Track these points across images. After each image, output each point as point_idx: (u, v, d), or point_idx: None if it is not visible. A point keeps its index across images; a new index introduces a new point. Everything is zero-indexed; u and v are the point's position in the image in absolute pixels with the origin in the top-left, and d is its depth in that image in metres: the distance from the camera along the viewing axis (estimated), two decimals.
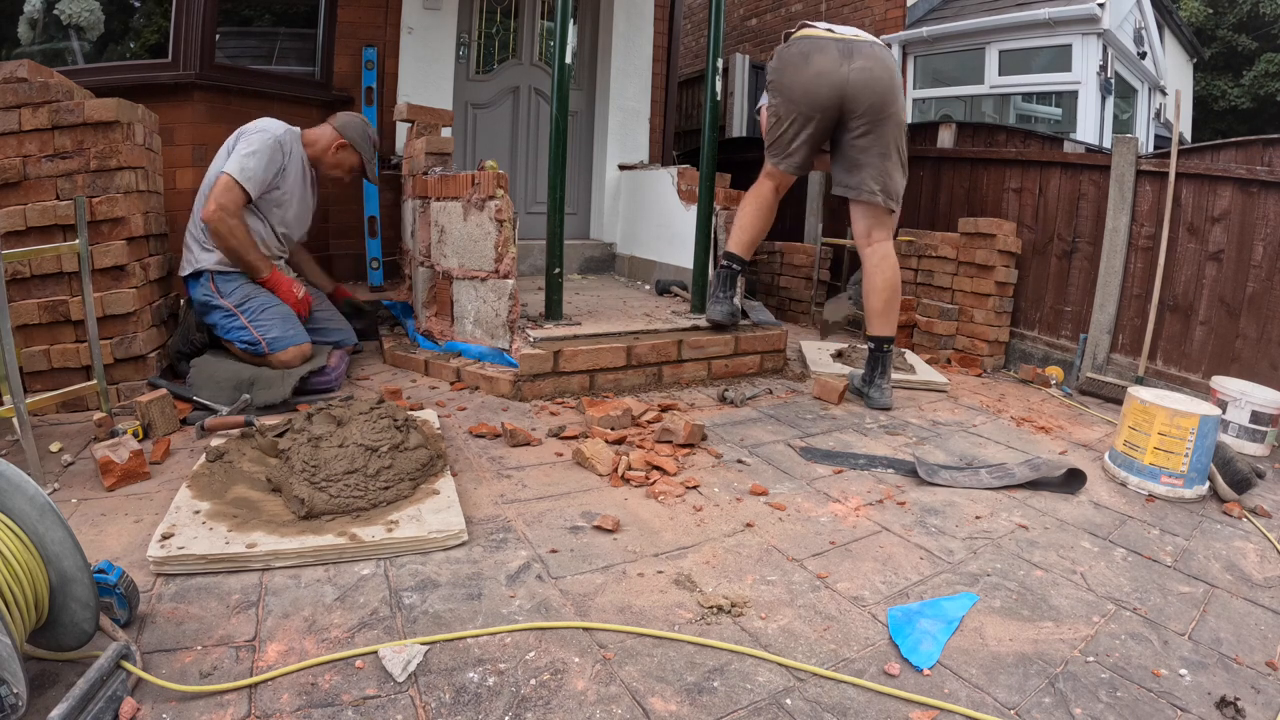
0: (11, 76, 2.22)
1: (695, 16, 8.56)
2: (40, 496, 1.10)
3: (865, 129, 2.79)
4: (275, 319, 2.58)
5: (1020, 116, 6.67)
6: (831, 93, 2.73)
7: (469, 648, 1.28)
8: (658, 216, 4.18)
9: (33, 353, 2.27)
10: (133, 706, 1.07)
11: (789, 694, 1.21)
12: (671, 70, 5.15)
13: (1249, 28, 11.84)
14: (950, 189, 4.35)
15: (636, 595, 1.48)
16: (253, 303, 2.59)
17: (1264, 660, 1.39)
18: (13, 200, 2.23)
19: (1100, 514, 2.04)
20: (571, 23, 3.16)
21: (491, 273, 2.84)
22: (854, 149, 2.84)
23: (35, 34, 3.43)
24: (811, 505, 1.96)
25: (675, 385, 2.99)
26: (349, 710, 1.11)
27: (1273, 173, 2.89)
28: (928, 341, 3.98)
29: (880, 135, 2.80)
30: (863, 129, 2.79)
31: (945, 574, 1.65)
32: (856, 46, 2.74)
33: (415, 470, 1.82)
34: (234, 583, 1.43)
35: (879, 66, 2.74)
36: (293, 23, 4.09)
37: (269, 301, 2.62)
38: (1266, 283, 2.95)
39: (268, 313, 2.58)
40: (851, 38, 2.79)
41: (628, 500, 1.91)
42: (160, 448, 2.01)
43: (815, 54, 2.74)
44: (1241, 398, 2.65)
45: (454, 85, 4.26)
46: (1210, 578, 1.71)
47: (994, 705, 1.22)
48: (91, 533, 1.58)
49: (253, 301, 2.59)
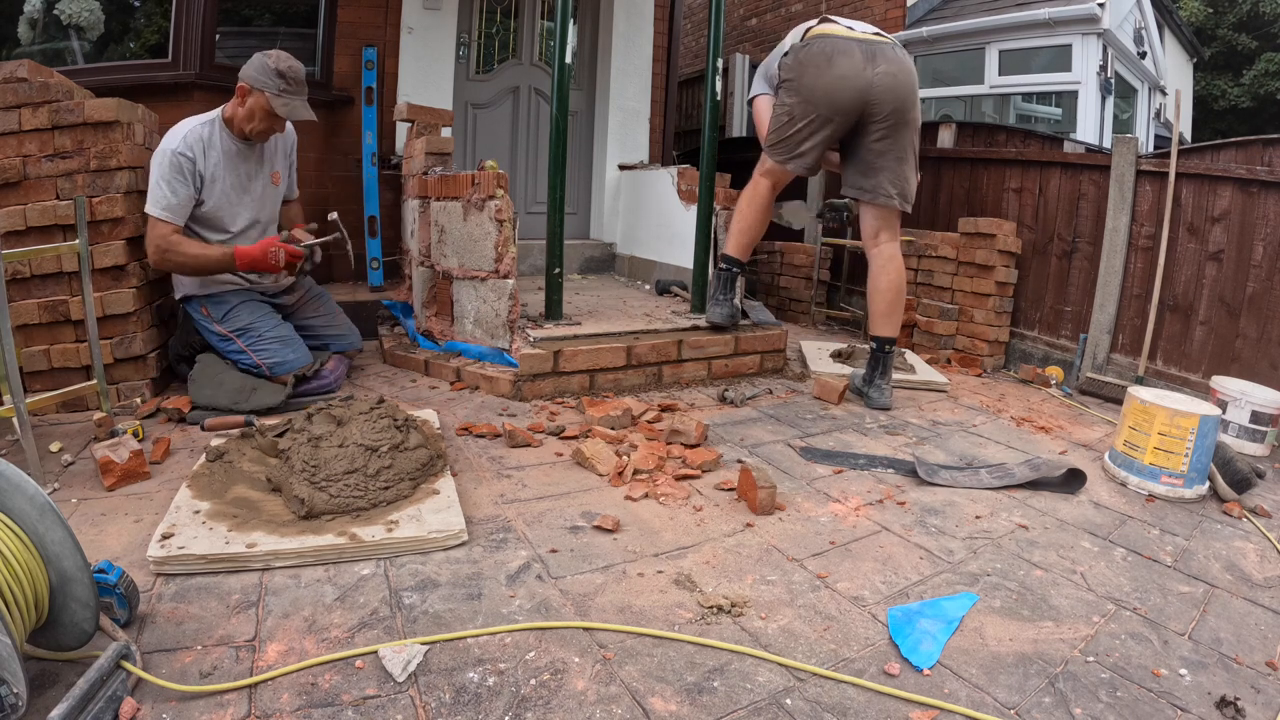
0: (11, 76, 2.22)
1: (695, 16, 8.56)
2: (40, 496, 1.10)
3: (885, 133, 2.75)
4: (275, 344, 2.51)
5: (1020, 116, 6.67)
6: (855, 97, 2.69)
7: (469, 648, 1.28)
8: (658, 216, 4.18)
9: (33, 353, 2.27)
10: (133, 706, 1.07)
11: (789, 694, 1.21)
12: (671, 70, 5.15)
13: (1249, 27, 11.84)
14: (950, 189, 4.35)
15: (636, 595, 1.47)
16: (252, 330, 2.51)
17: (1264, 660, 1.39)
18: (13, 200, 2.23)
19: (1100, 514, 2.04)
20: (571, 23, 3.16)
21: (491, 273, 2.84)
22: (871, 152, 2.80)
23: (35, 34, 3.43)
24: (811, 505, 1.96)
25: (675, 385, 2.99)
26: (349, 710, 1.11)
27: (1273, 173, 2.89)
28: (928, 341, 3.98)
29: (899, 139, 2.77)
30: (882, 133, 2.75)
31: (945, 574, 1.65)
32: (880, 49, 2.71)
33: (415, 470, 1.82)
34: (234, 583, 1.43)
35: (902, 71, 2.72)
36: (293, 23, 4.09)
37: (265, 326, 2.54)
38: (1266, 283, 2.95)
39: (266, 338, 2.51)
40: (874, 38, 2.76)
41: (628, 500, 1.91)
42: (160, 448, 2.01)
43: (839, 56, 2.69)
44: (1241, 398, 2.65)
45: (454, 85, 4.26)
46: (1210, 578, 1.71)
47: (994, 705, 1.22)
48: (91, 533, 1.59)
49: (252, 329, 2.51)
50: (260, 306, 2.61)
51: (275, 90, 2.43)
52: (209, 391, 2.38)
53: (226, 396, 2.37)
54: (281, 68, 2.43)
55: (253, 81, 2.43)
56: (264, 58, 2.45)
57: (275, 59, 2.44)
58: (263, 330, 2.53)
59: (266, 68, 2.43)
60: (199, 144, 2.41)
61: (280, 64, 2.44)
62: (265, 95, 2.43)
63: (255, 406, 2.36)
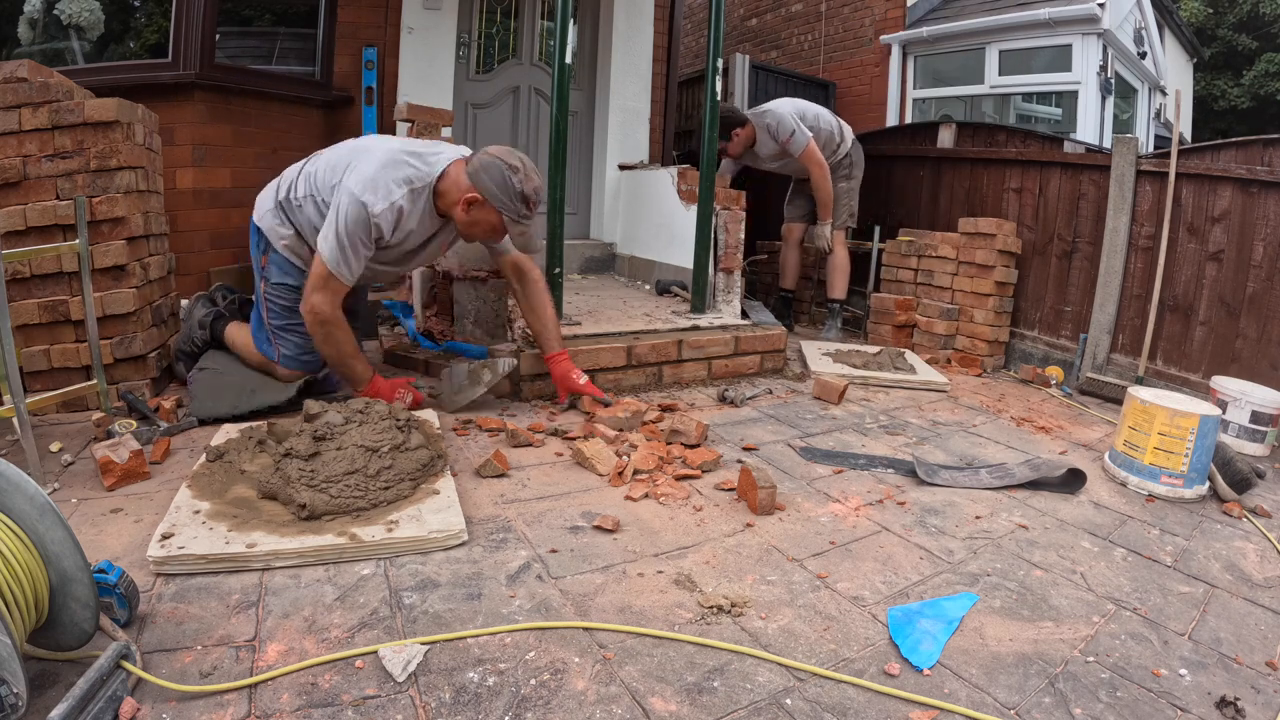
0: (11, 76, 2.22)
1: (695, 16, 8.56)
2: (40, 496, 1.10)
3: None
4: (301, 343, 2.38)
5: (1020, 116, 6.67)
6: None
7: (469, 648, 1.28)
8: (658, 216, 4.18)
9: (33, 353, 2.27)
10: (133, 706, 1.07)
11: (789, 694, 1.21)
12: (671, 70, 5.14)
13: (1249, 27, 11.83)
14: (950, 189, 4.35)
15: (636, 595, 1.47)
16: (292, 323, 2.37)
17: (1264, 660, 1.39)
18: (13, 200, 2.23)
19: (1100, 514, 2.04)
20: (571, 23, 3.16)
21: (491, 273, 2.84)
22: None
23: (35, 34, 3.43)
24: (811, 505, 1.96)
25: (675, 385, 2.99)
26: (349, 710, 1.11)
27: (1273, 173, 2.89)
28: (928, 341, 3.98)
29: None
30: None
31: (945, 574, 1.65)
32: None
33: (416, 470, 1.82)
34: (234, 582, 1.43)
35: None
36: (293, 22, 4.09)
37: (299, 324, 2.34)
38: (1266, 283, 2.95)
39: (298, 334, 2.38)
40: None
41: (628, 500, 1.91)
42: (160, 448, 2.01)
43: None
44: (1241, 398, 2.65)
45: (454, 85, 4.26)
46: (1210, 578, 1.71)
47: (994, 705, 1.22)
48: (91, 533, 1.58)
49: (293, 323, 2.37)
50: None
51: (515, 216, 2.20)
52: (210, 404, 2.32)
53: (227, 404, 2.32)
54: (528, 191, 2.17)
55: (491, 198, 2.16)
56: (509, 173, 2.15)
57: (522, 178, 2.15)
58: (300, 327, 2.34)
59: (511, 188, 2.15)
60: (397, 216, 2.17)
61: (527, 187, 2.17)
62: (502, 218, 2.20)
63: (257, 406, 2.32)
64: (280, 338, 2.41)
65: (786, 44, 8.14)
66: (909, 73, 6.91)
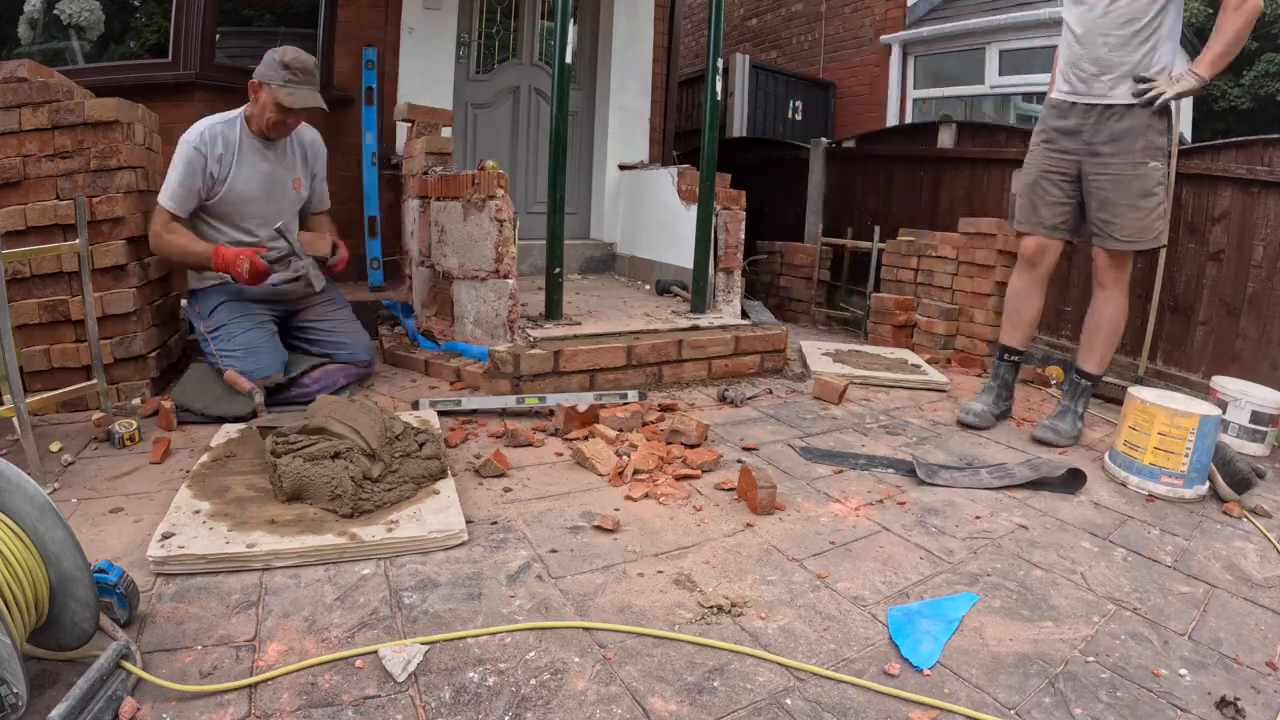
0: (11, 76, 2.22)
1: (695, 16, 8.56)
2: (40, 496, 1.10)
3: None
4: (239, 350, 2.44)
5: (1020, 116, 6.67)
6: None
7: (469, 647, 1.28)
8: (658, 216, 4.18)
9: (33, 352, 2.27)
10: (133, 706, 1.07)
11: (789, 694, 1.21)
12: (671, 70, 5.15)
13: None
14: (951, 189, 4.35)
15: (636, 595, 1.47)
16: (223, 333, 2.48)
17: (1264, 660, 1.39)
18: (13, 200, 2.23)
19: (1100, 514, 2.03)
20: (571, 23, 3.16)
21: (491, 273, 2.84)
22: None
23: (35, 34, 3.43)
24: (812, 505, 1.96)
25: (675, 385, 2.99)
26: (349, 710, 1.11)
27: (1273, 173, 2.89)
28: (928, 341, 3.98)
29: None
30: None
31: (945, 574, 1.65)
32: None
33: (421, 475, 1.83)
34: (234, 582, 1.43)
35: None
36: (293, 22, 4.09)
37: (237, 330, 2.48)
38: (1267, 283, 2.95)
39: (233, 343, 2.46)
40: None
41: (628, 500, 1.91)
42: (160, 448, 2.01)
43: None
44: (1241, 398, 2.65)
45: (454, 85, 4.26)
46: (1210, 578, 1.71)
47: (994, 705, 1.22)
48: (91, 532, 1.59)
49: (224, 332, 2.48)
50: (243, 308, 2.54)
51: (281, 81, 2.45)
52: (192, 394, 2.35)
53: (201, 403, 2.31)
54: (287, 59, 2.46)
55: (261, 76, 2.47)
56: (272, 52, 2.47)
57: (282, 52, 2.47)
58: (233, 334, 2.47)
59: (273, 61, 2.46)
60: (215, 141, 2.46)
61: (285, 56, 2.46)
62: (272, 87, 2.45)
63: (223, 414, 2.27)
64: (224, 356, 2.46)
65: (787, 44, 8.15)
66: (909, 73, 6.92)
